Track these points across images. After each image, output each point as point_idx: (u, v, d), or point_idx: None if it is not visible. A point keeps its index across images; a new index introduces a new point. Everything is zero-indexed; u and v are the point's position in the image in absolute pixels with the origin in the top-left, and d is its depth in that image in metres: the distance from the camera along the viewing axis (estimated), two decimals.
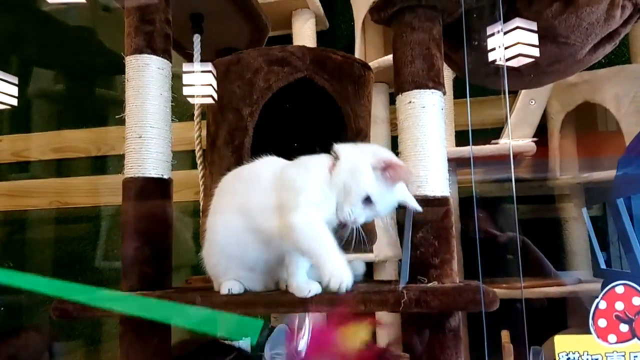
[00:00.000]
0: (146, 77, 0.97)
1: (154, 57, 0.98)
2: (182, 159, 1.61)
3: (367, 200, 0.77)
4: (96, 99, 2.20)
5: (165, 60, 1.00)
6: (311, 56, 1.01)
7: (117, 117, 1.01)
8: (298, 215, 0.76)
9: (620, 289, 0.63)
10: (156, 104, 0.97)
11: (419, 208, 0.82)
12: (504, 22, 0.93)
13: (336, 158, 0.81)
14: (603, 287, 0.68)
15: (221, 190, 0.91)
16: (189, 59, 1.27)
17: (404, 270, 0.89)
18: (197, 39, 1.23)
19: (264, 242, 0.82)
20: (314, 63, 1.01)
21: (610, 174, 1.64)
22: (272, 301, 0.82)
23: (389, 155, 0.80)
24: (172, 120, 1.02)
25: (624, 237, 1.56)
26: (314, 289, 0.79)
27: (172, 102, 1.02)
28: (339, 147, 0.82)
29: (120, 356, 0.93)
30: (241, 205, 0.84)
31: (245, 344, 1.10)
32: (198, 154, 1.24)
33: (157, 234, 0.96)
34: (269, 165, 0.87)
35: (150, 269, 0.94)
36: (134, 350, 0.92)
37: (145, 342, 0.92)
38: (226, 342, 1.11)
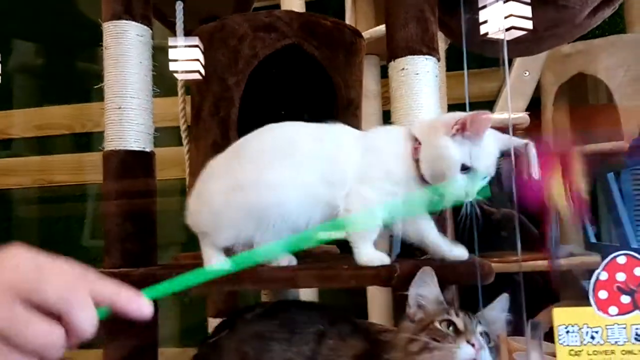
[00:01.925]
0: (125, 45, 0.92)
1: (132, 23, 0.93)
2: (169, 135, 1.57)
3: (465, 169, 0.72)
4: (79, 73, 2.13)
5: (145, 27, 0.95)
6: (299, 22, 0.96)
7: (95, 87, 0.97)
8: (370, 193, 0.75)
9: (622, 259, 0.61)
10: (136, 73, 0.92)
11: (524, 142, 0.77)
12: None
13: (417, 141, 0.76)
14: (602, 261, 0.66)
15: (285, 146, 0.80)
16: (172, 28, 1.21)
17: (395, 244, 0.87)
18: (179, 6, 1.18)
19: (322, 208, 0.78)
20: (303, 29, 0.96)
21: (601, 147, 1.62)
22: (259, 277, 0.79)
23: (458, 114, 0.74)
24: (157, 94, 0.98)
25: (613, 211, 1.55)
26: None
27: (157, 76, 0.98)
28: (416, 130, 0.78)
29: (105, 338, 0.90)
30: (320, 168, 0.78)
31: None
32: (183, 128, 1.19)
33: (140, 209, 0.92)
34: (349, 133, 0.83)
35: (133, 245, 0.90)
36: (117, 330, 0.89)
37: (130, 321, 0.89)
38: None
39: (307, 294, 1.63)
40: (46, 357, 0.41)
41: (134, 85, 0.92)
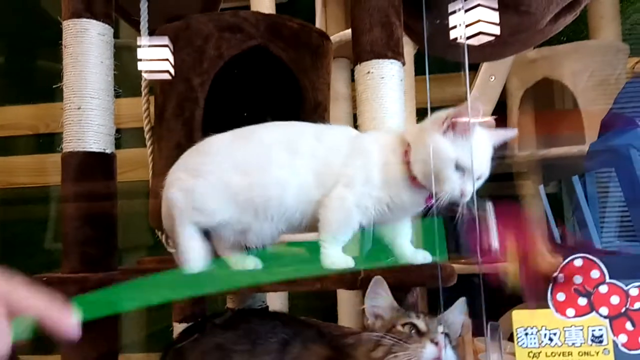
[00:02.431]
0: (85, 44, 0.90)
1: (93, 21, 0.90)
2: (133, 136, 1.54)
3: (459, 168, 0.71)
4: (43, 72, 2.08)
5: (107, 26, 0.92)
6: (266, 23, 0.95)
7: (54, 86, 0.94)
8: (351, 199, 0.75)
9: (578, 262, 0.62)
10: (97, 73, 0.90)
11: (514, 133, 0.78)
12: None
13: (408, 145, 0.76)
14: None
15: (290, 143, 0.80)
16: (136, 27, 1.18)
17: (367, 238, 0.87)
18: (144, 4, 1.15)
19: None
20: (269, 30, 0.95)
21: (566, 150, 1.66)
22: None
23: (447, 111, 0.74)
24: (121, 94, 0.95)
25: (578, 214, 1.59)
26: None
27: (121, 76, 0.95)
28: (407, 133, 0.78)
29: (63, 344, 0.87)
30: (316, 168, 0.78)
31: None
32: (146, 128, 1.17)
33: (99, 213, 0.90)
34: (346, 133, 0.82)
35: (92, 249, 0.88)
36: (76, 352, 0.86)
37: (88, 328, 0.86)
38: None
39: (277, 298, 1.62)
40: None
41: (94, 85, 0.89)
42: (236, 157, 0.79)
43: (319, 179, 0.77)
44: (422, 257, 0.79)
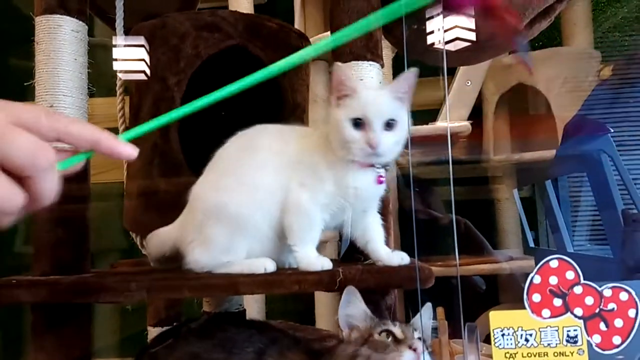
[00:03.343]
0: (58, 40, 0.87)
1: (67, 17, 0.88)
2: None
3: (358, 125, 0.73)
4: (14, 69, 2.02)
5: (81, 22, 0.90)
6: (244, 22, 0.94)
7: (26, 84, 0.91)
8: (311, 203, 0.76)
9: (554, 263, 0.63)
10: (70, 70, 0.88)
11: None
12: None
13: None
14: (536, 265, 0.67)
15: (246, 149, 0.81)
16: (112, 25, 1.16)
17: (343, 248, 0.87)
18: (119, 2, 1.13)
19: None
20: (247, 30, 0.94)
21: (540, 155, 1.69)
22: (198, 285, 0.76)
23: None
24: (95, 94, 0.93)
25: (551, 217, 1.61)
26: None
27: (98, 75, 0.93)
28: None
29: (32, 348, 0.85)
30: (273, 169, 0.79)
31: None
32: (121, 129, 1.14)
33: (72, 215, 0.87)
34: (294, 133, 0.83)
35: (64, 252, 0.85)
36: (46, 341, 0.83)
37: (60, 331, 0.84)
38: None
39: (254, 301, 1.61)
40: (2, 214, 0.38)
41: (67, 83, 0.87)
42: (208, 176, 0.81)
43: (278, 179, 0.77)
44: (399, 258, 0.79)
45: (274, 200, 0.77)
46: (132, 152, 0.45)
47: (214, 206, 0.77)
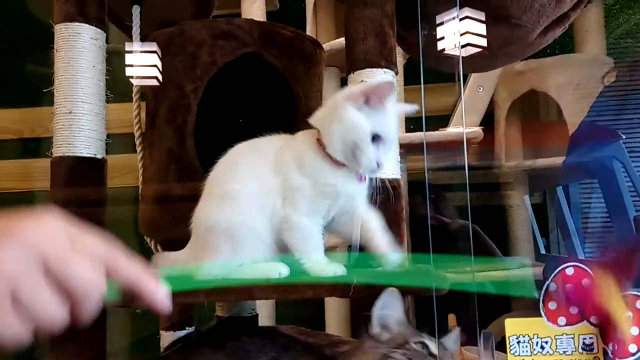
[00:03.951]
0: (77, 48, 0.89)
1: (86, 25, 0.90)
2: (124, 142, 1.52)
3: (375, 139, 0.72)
4: (29, 76, 2.05)
5: (99, 30, 0.92)
6: (259, 30, 0.95)
7: (45, 90, 0.93)
8: (296, 215, 0.75)
9: (570, 271, 0.63)
10: (89, 77, 0.89)
11: (415, 108, 0.80)
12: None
13: (317, 132, 0.77)
14: (544, 273, 0.67)
15: (252, 159, 0.81)
16: (128, 32, 1.18)
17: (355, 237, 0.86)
18: (136, 10, 1.15)
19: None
20: (263, 38, 0.95)
21: (552, 161, 1.69)
22: (213, 289, 0.77)
23: (360, 86, 0.76)
24: (111, 100, 0.94)
25: (562, 224, 1.61)
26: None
27: (112, 81, 0.95)
28: (314, 120, 0.78)
29: (49, 354, 0.85)
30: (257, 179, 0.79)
31: None
32: (137, 134, 1.16)
33: (88, 219, 0.88)
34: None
35: None
36: (63, 345, 0.84)
37: (76, 336, 0.85)
38: None
39: (264, 306, 1.61)
40: (40, 330, 0.39)
41: (85, 90, 0.88)
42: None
43: (264, 189, 0.77)
44: (394, 259, 0.78)
45: (260, 205, 0.77)
46: (166, 305, 0.43)
47: (211, 227, 0.78)
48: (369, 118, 0.72)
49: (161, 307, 0.43)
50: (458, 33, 0.91)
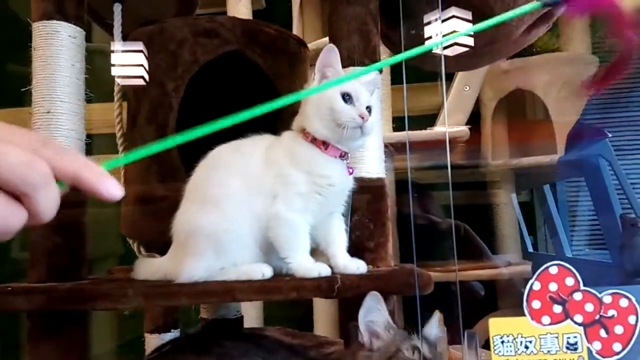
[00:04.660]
0: (56, 46, 0.87)
1: (64, 23, 0.88)
2: (105, 142, 1.50)
3: (347, 99, 0.75)
4: (10, 75, 2.02)
5: (78, 28, 0.90)
6: (242, 28, 0.94)
7: (22, 90, 0.91)
8: (288, 212, 0.76)
9: (553, 270, 0.63)
10: (67, 76, 0.87)
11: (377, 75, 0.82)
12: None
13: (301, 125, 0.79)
14: (533, 270, 0.67)
15: (227, 162, 0.82)
16: (110, 30, 1.16)
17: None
18: (117, 8, 1.13)
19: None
20: (246, 36, 0.94)
21: (538, 160, 1.69)
22: (195, 292, 0.76)
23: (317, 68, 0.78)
24: (93, 99, 0.93)
25: (549, 222, 1.61)
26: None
27: (95, 80, 0.93)
28: (295, 124, 0.81)
29: (29, 356, 0.84)
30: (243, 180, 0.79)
31: None
32: (119, 134, 1.14)
33: (69, 221, 0.87)
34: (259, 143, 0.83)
35: (61, 258, 0.85)
36: (44, 348, 0.83)
37: (57, 339, 0.83)
38: None
39: (252, 307, 1.60)
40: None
41: (64, 89, 0.87)
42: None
43: (251, 191, 0.78)
44: (356, 266, 0.78)
45: (246, 207, 0.77)
46: (115, 192, 0.40)
47: (194, 232, 0.77)
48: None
49: (108, 195, 0.40)
50: (441, 34, 0.91)
